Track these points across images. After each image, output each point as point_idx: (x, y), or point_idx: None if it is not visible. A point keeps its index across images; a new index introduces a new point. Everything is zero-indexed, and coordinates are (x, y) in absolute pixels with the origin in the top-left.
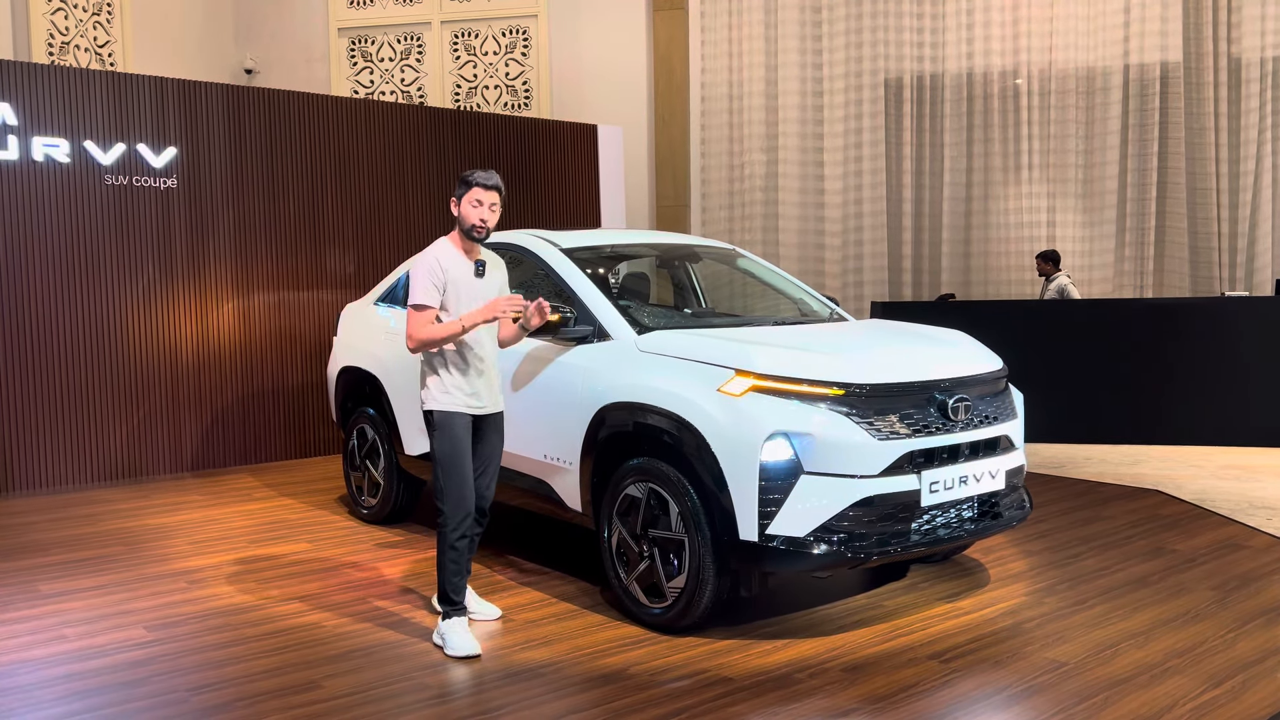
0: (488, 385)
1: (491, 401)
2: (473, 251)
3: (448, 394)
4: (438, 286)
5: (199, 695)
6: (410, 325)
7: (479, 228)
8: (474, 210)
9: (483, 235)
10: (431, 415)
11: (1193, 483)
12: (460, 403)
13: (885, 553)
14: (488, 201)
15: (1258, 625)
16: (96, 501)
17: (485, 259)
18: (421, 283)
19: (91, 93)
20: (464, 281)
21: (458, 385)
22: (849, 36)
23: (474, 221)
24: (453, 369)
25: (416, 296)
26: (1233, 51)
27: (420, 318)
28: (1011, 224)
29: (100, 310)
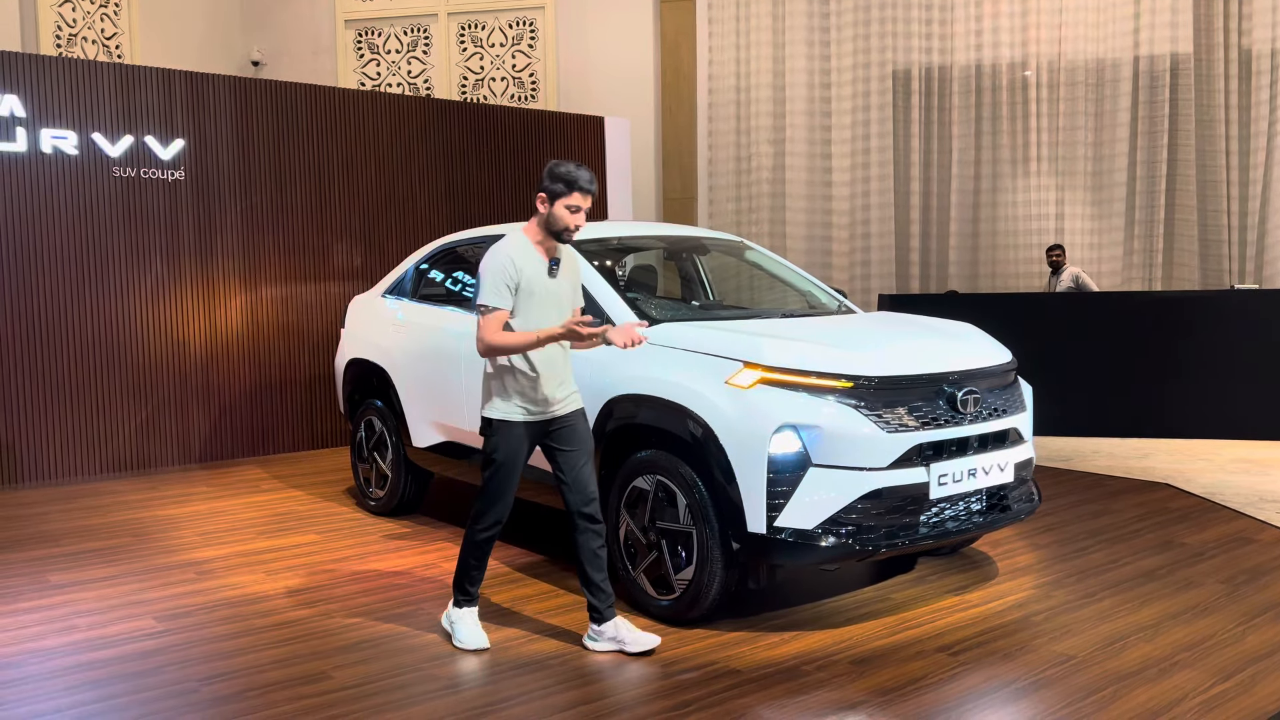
0: (558, 388)
1: (564, 403)
2: (548, 251)
3: (508, 401)
4: (510, 287)
5: (209, 685)
6: (482, 329)
7: (570, 232)
8: (570, 215)
9: (571, 240)
10: (490, 423)
11: (1202, 476)
12: (519, 411)
13: (894, 545)
14: (585, 205)
15: (1267, 619)
16: (105, 493)
17: (559, 256)
18: (493, 282)
19: (99, 85)
20: (538, 280)
21: (520, 392)
22: (857, 28)
23: (568, 225)
24: (518, 376)
25: (487, 297)
26: (1243, 43)
27: (492, 321)
28: (1020, 216)
29: (108, 302)
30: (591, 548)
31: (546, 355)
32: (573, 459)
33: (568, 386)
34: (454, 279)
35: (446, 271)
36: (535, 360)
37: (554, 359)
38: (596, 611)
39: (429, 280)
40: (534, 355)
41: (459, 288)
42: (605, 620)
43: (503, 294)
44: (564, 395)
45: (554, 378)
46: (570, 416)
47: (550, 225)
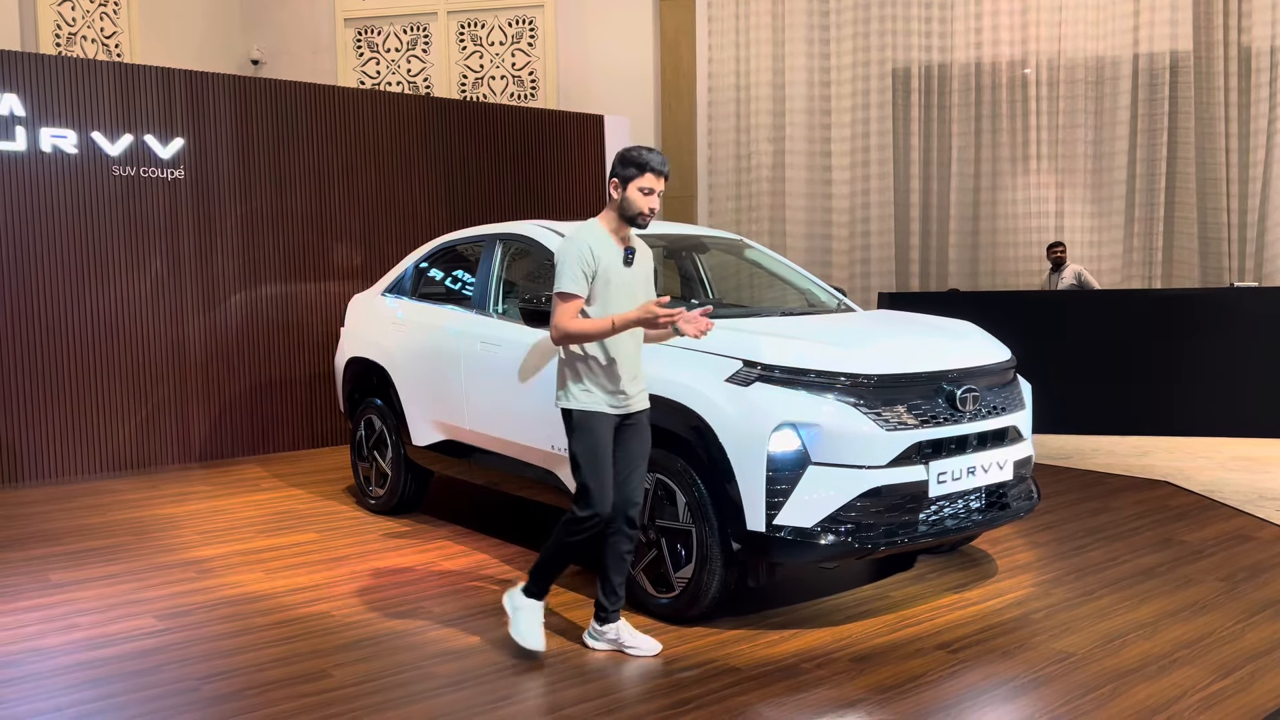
0: (632, 381)
1: (637, 399)
2: (624, 239)
3: (589, 393)
4: (587, 275)
5: (209, 684)
6: (557, 315)
7: (645, 216)
8: (644, 198)
9: (647, 224)
10: (570, 415)
11: (1201, 474)
12: (601, 402)
13: (893, 543)
14: (658, 188)
15: (1266, 616)
16: (105, 492)
17: (635, 246)
18: (570, 270)
19: (99, 84)
20: (614, 269)
21: (599, 384)
22: (856, 26)
23: (642, 209)
24: (594, 366)
25: (564, 284)
26: (1243, 41)
27: (568, 308)
28: (1019, 214)
29: (108, 301)
30: (620, 550)
31: (620, 346)
32: (630, 459)
33: (640, 381)
34: (454, 277)
35: (446, 270)
36: (610, 349)
37: (627, 350)
38: (604, 611)
39: (429, 279)
40: (608, 344)
41: (459, 286)
42: (610, 622)
43: (579, 281)
44: (636, 390)
45: (628, 369)
46: (640, 415)
47: (624, 211)
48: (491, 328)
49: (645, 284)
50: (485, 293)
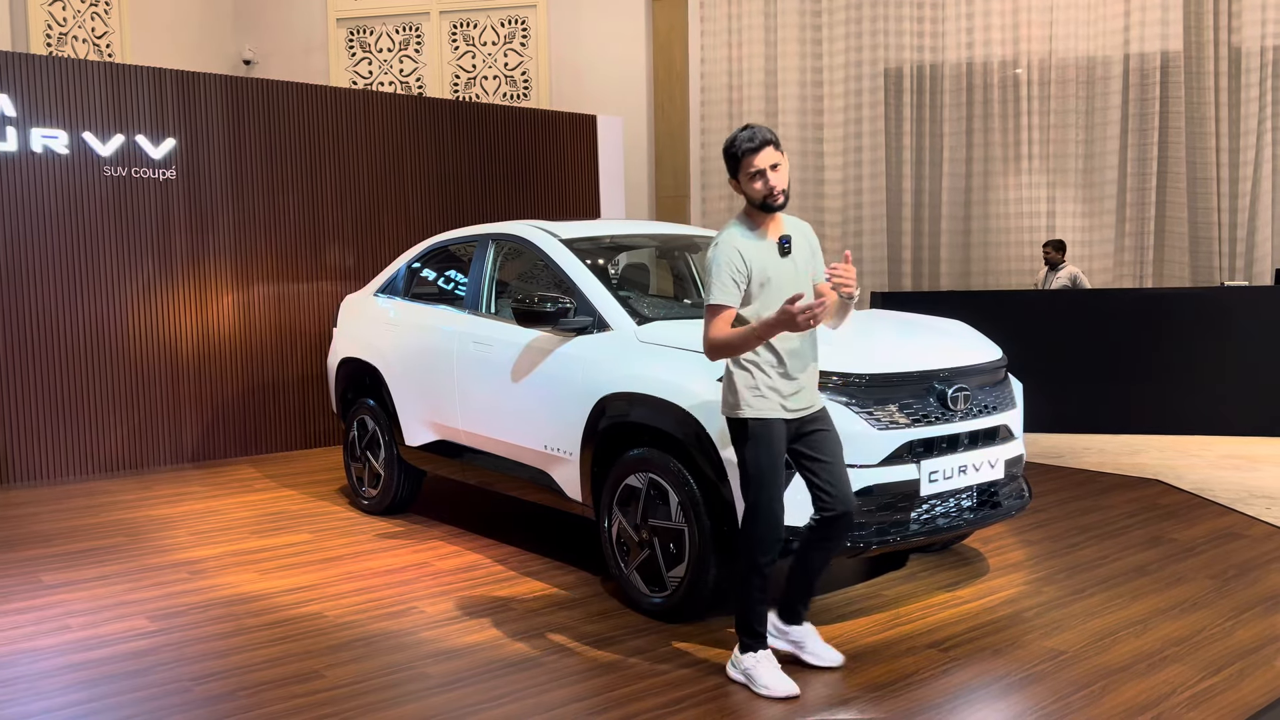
0: (809, 379)
1: (816, 399)
2: (772, 228)
3: (762, 398)
4: (738, 281)
5: (202, 685)
6: (707, 328)
7: (773, 196)
8: (758, 180)
9: (781, 202)
10: (744, 425)
11: (1192, 472)
12: (776, 407)
13: (885, 542)
14: (766, 163)
15: (1256, 614)
16: (98, 493)
17: (790, 232)
18: (719, 279)
19: (90, 84)
20: (770, 266)
21: (774, 386)
22: (849, 26)
23: (763, 193)
24: (766, 367)
25: (713, 295)
26: (1233, 41)
27: (719, 320)
28: (1011, 214)
29: (100, 302)
30: (832, 553)
31: (789, 340)
32: (832, 468)
33: (813, 380)
34: (446, 277)
35: (439, 270)
36: (779, 347)
37: (799, 346)
38: (793, 613)
39: (421, 279)
40: (775, 343)
41: (451, 286)
42: (797, 624)
43: (729, 290)
44: (812, 388)
45: (803, 367)
46: (822, 416)
47: (749, 201)
48: (484, 328)
49: (804, 274)
50: (478, 293)
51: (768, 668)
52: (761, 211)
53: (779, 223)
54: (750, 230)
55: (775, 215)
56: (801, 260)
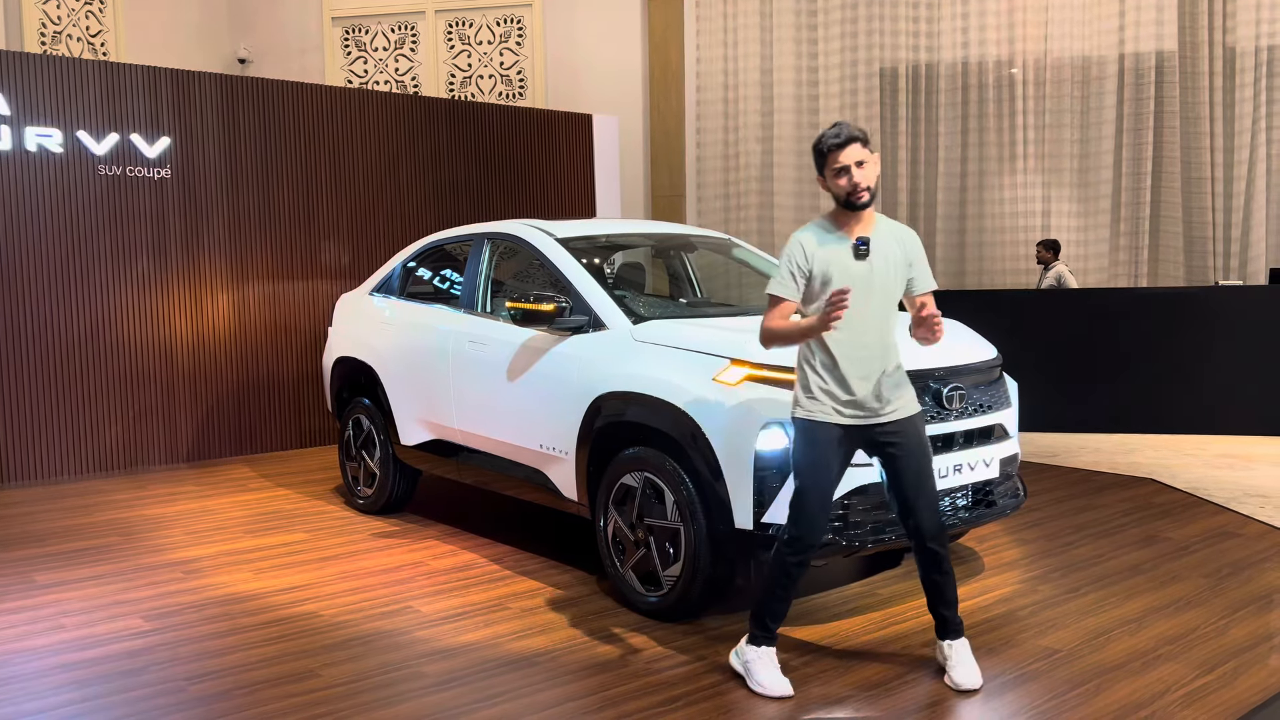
0: (880, 389)
1: (890, 406)
2: (856, 229)
3: (814, 399)
4: (796, 275)
5: (196, 684)
6: (764, 317)
7: (856, 193)
8: (842, 177)
9: (864, 200)
10: (797, 424)
11: (1187, 471)
12: (828, 410)
13: (880, 541)
14: (850, 160)
15: (1249, 612)
16: (92, 492)
17: (874, 235)
18: (779, 270)
19: (84, 82)
20: (837, 265)
21: (827, 389)
22: (844, 25)
23: (846, 190)
24: (821, 370)
25: (771, 285)
26: (1228, 41)
27: (773, 311)
28: (1006, 213)
29: (95, 301)
30: (931, 578)
31: (853, 344)
32: (903, 478)
33: (890, 388)
34: (442, 276)
35: (434, 269)
36: (835, 349)
37: (866, 349)
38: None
39: (417, 278)
40: (833, 344)
41: (447, 285)
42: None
43: (787, 283)
44: (888, 395)
45: (865, 373)
46: (902, 424)
47: (836, 200)
48: (480, 327)
49: (883, 284)
50: (473, 292)
51: (767, 665)
52: (845, 210)
53: (866, 224)
54: (827, 228)
55: (861, 216)
56: (883, 267)
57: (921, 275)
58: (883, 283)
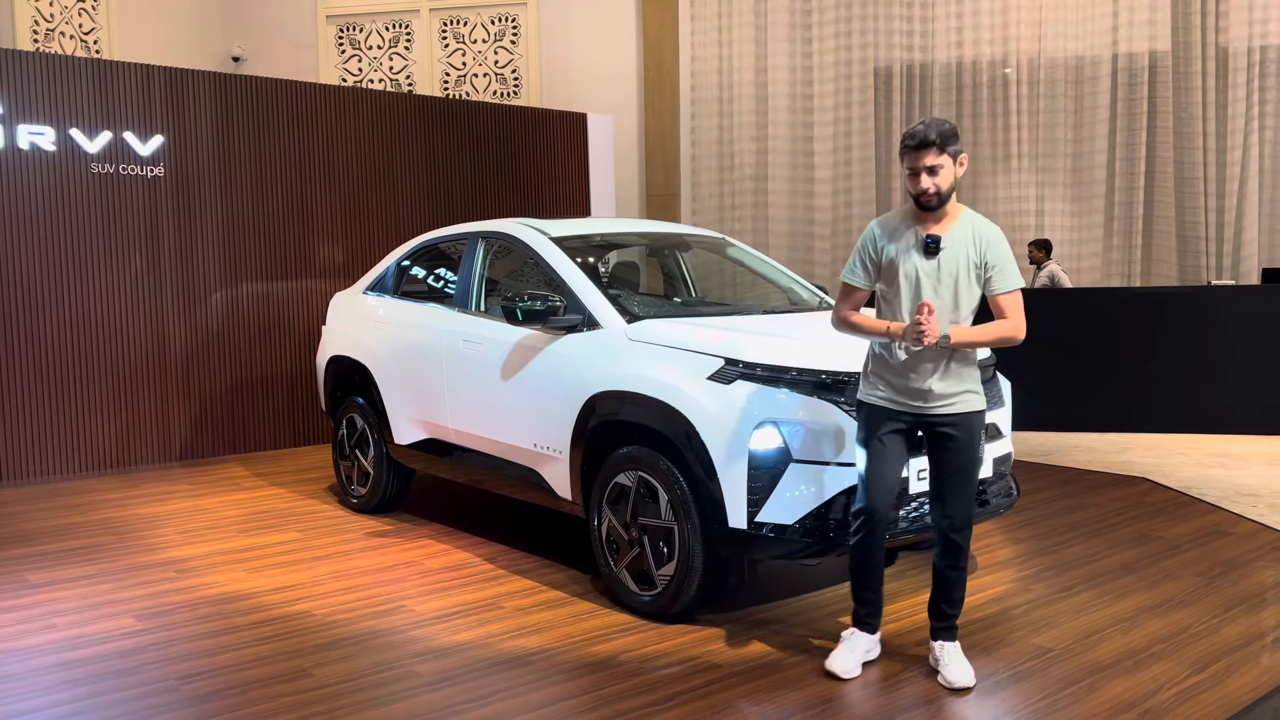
0: (929, 380)
1: (941, 401)
2: (933, 226)
3: (869, 382)
4: (864, 263)
5: (189, 684)
6: (836, 301)
7: (925, 196)
8: (913, 179)
9: (933, 202)
10: (858, 403)
11: (1179, 470)
12: (879, 395)
13: None
14: (921, 164)
15: (1242, 611)
16: (84, 491)
17: (946, 234)
18: (853, 258)
19: (77, 80)
20: (903, 259)
21: (880, 375)
22: (839, 25)
23: (914, 192)
24: (877, 356)
25: (845, 273)
26: (1220, 41)
27: (842, 297)
28: (1000, 212)
29: (87, 300)
30: (939, 567)
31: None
32: (944, 468)
33: (950, 382)
34: (436, 275)
35: (428, 268)
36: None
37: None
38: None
39: (411, 277)
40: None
41: (441, 284)
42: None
43: (855, 270)
44: (941, 390)
45: (921, 365)
46: (955, 420)
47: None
48: (474, 326)
49: (950, 282)
50: (468, 291)
51: (845, 645)
52: (920, 209)
53: (944, 221)
54: (901, 221)
55: (939, 214)
56: (951, 265)
57: (998, 277)
58: (950, 280)
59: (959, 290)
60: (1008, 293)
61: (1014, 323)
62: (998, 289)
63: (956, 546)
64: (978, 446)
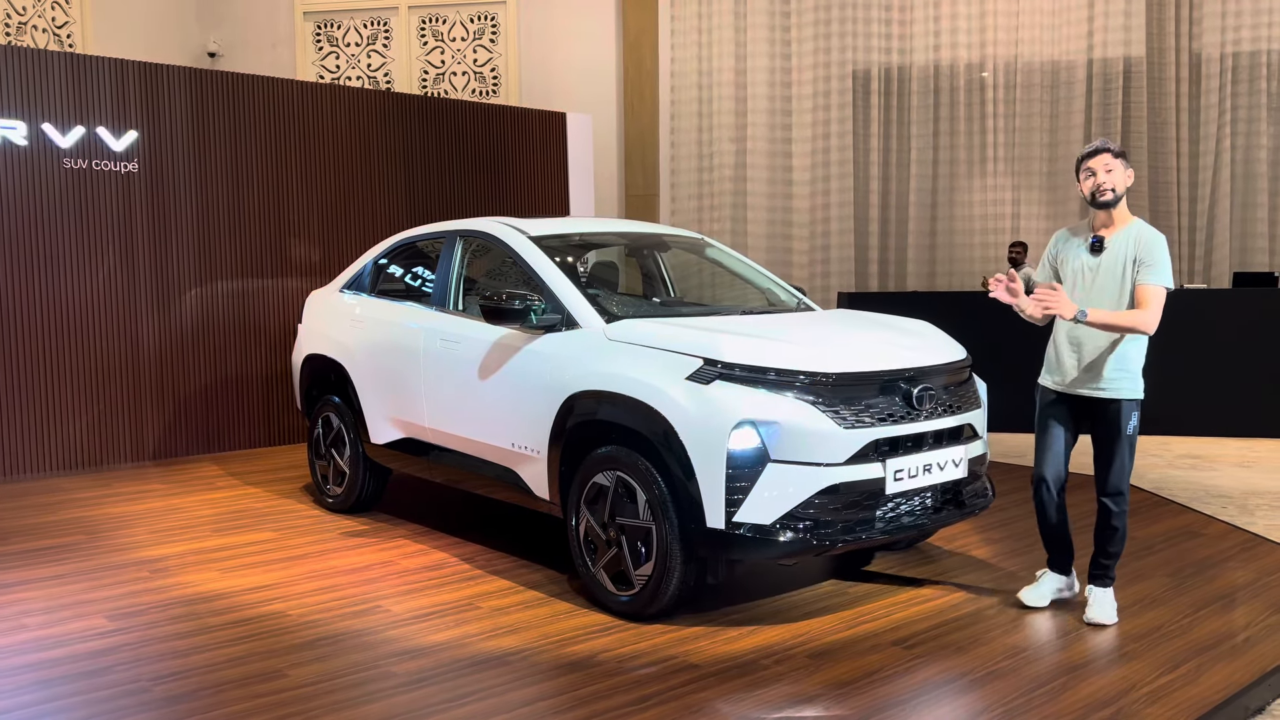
0: (1079, 366)
1: (1091, 385)
2: (1099, 225)
3: (1045, 365)
4: (1047, 261)
5: (161, 684)
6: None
7: (1101, 192)
8: (1083, 182)
9: (1106, 199)
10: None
11: (1151, 471)
12: (1048, 377)
13: (850, 540)
14: (1099, 167)
15: (1212, 610)
16: (56, 490)
17: (1116, 235)
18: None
19: (50, 74)
20: (1072, 258)
21: (1050, 358)
22: (817, 28)
23: (1090, 189)
24: (1051, 343)
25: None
26: (1194, 47)
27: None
28: (976, 216)
29: (60, 296)
30: (1101, 524)
31: (1071, 325)
32: (1097, 445)
33: (1099, 369)
34: (413, 274)
35: (406, 266)
36: (1057, 327)
37: (1077, 334)
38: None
39: (388, 275)
40: (1058, 322)
41: (418, 283)
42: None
43: (1042, 268)
44: (1091, 376)
45: (1074, 353)
46: (1100, 404)
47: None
48: (451, 324)
49: (1106, 277)
50: (445, 289)
51: (1036, 582)
52: (1093, 207)
53: (1114, 224)
54: (1078, 225)
55: (1110, 215)
56: (1110, 262)
57: (1144, 271)
58: (1109, 275)
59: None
60: (1144, 285)
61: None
62: (1140, 280)
63: (1107, 509)
64: (1122, 427)
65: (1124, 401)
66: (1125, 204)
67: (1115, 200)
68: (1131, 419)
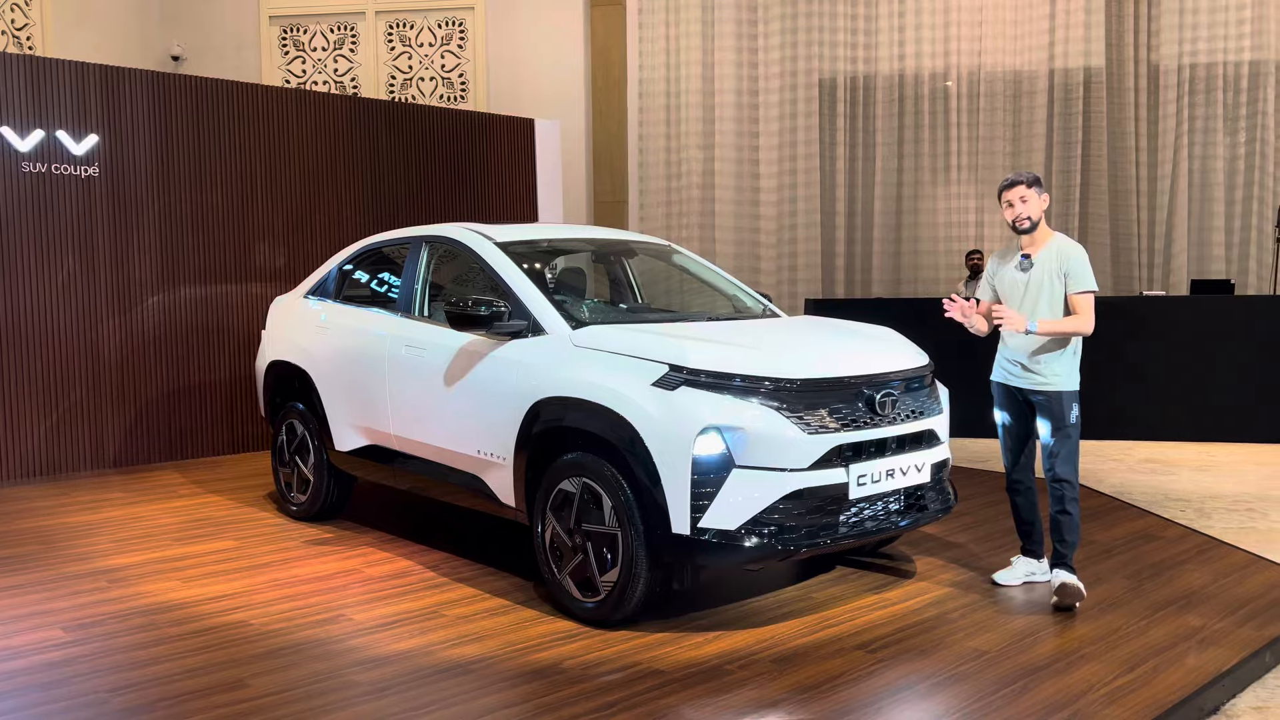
0: (1024, 361)
1: (1028, 378)
2: (1026, 245)
3: (994, 366)
4: (988, 282)
5: (120, 696)
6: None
7: (1016, 222)
8: (1005, 210)
9: (1024, 227)
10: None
11: (1112, 476)
12: (999, 371)
13: (815, 545)
14: (1015, 199)
15: (1169, 612)
16: (12, 499)
17: (1042, 251)
18: (981, 280)
19: (8, 77)
20: (1005, 276)
21: (996, 359)
22: (784, 36)
23: (1009, 220)
24: (1000, 345)
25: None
26: (1152, 59)
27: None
28: (940, 223)
29: (18, 302)
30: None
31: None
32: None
33: (1038, 365)
34: (379, 280)
35: (371, 272)
36: (1003, 331)
37: (1018, 338)
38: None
39: (353, 281)
40: (1003, 328)
41: (384, 289)
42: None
43: (984, 289)
44: (1033, 370)
45: (1015, 349)
46: (1041, 393)
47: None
48: (417, 331)
49: (1036, 290)
50: (411, 296)
51: (1009, 564)
52: (1015, 232)
53: (1037, 243)
54: (1011, 248)
55: (1031, 237)
56: (1039, 275)
57: (1072, 282)
58: (1038, 286)
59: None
60: (1075, 294)
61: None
62: (1070, 290)
63: (1058, 494)
64: (1065, 415)
65: (1064, 393)
66: (1045, 223)
67: (1033, 227)
68: (1073, 409)
